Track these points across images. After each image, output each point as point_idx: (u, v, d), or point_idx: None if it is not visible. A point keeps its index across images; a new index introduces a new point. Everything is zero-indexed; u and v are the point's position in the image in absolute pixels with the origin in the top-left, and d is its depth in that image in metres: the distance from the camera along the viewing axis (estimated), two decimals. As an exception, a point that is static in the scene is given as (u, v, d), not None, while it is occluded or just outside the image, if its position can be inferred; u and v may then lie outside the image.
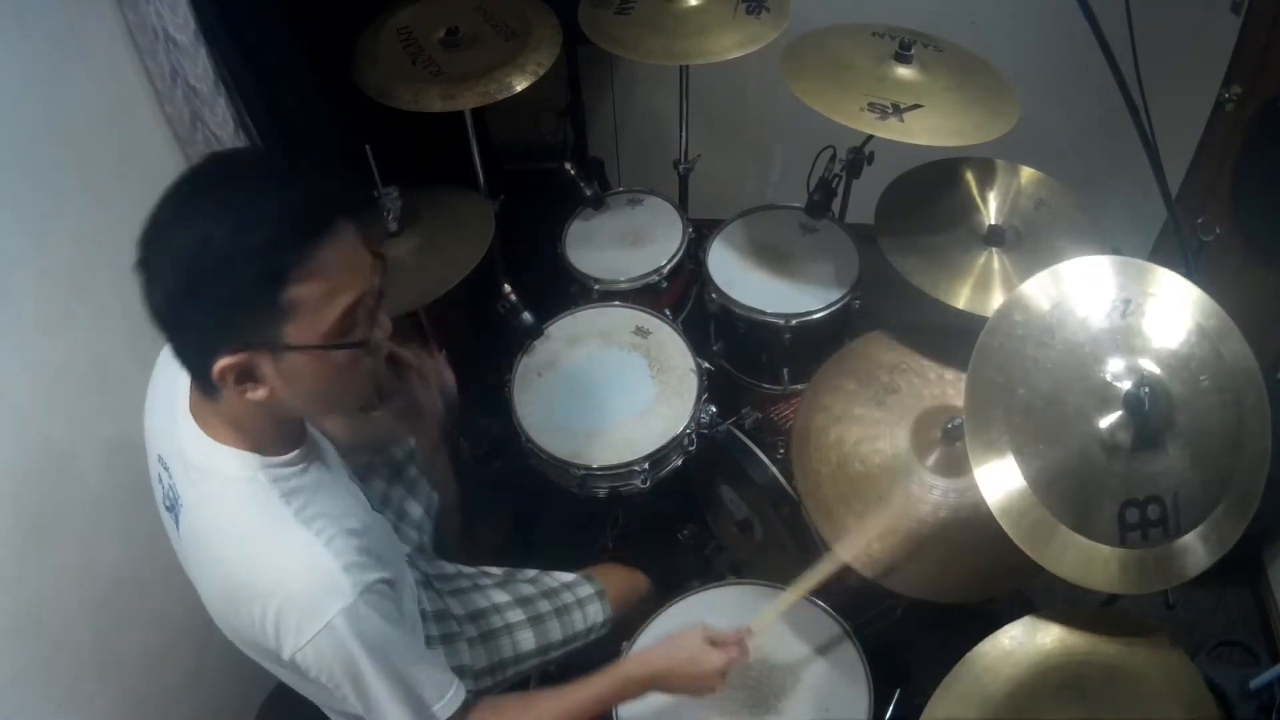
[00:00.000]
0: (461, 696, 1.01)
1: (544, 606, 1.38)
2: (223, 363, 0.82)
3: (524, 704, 1.09)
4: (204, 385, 0.86)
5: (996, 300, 1.44)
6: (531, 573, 1.44)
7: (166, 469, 0.97)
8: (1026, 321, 1.12)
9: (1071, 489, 1.06)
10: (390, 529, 1.16)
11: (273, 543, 0.89)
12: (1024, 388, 1.09)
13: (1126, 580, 1.05)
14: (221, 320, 0.81)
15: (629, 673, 1.12)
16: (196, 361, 0.85)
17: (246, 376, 0.84)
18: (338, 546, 0.90)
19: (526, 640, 1.34)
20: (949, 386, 1.48)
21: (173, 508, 0.97)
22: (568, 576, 1.45)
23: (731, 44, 1.68)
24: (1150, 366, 1.08)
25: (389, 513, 1.38)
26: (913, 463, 1.38)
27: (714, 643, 1.13)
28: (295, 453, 0.95)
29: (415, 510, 1.45)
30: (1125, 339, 1.09)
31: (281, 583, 0.88)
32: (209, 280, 0.78)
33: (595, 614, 1.41)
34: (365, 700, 0.93)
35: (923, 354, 1.52)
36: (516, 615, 1.35)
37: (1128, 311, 1.10)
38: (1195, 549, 1.05)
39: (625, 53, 1.74)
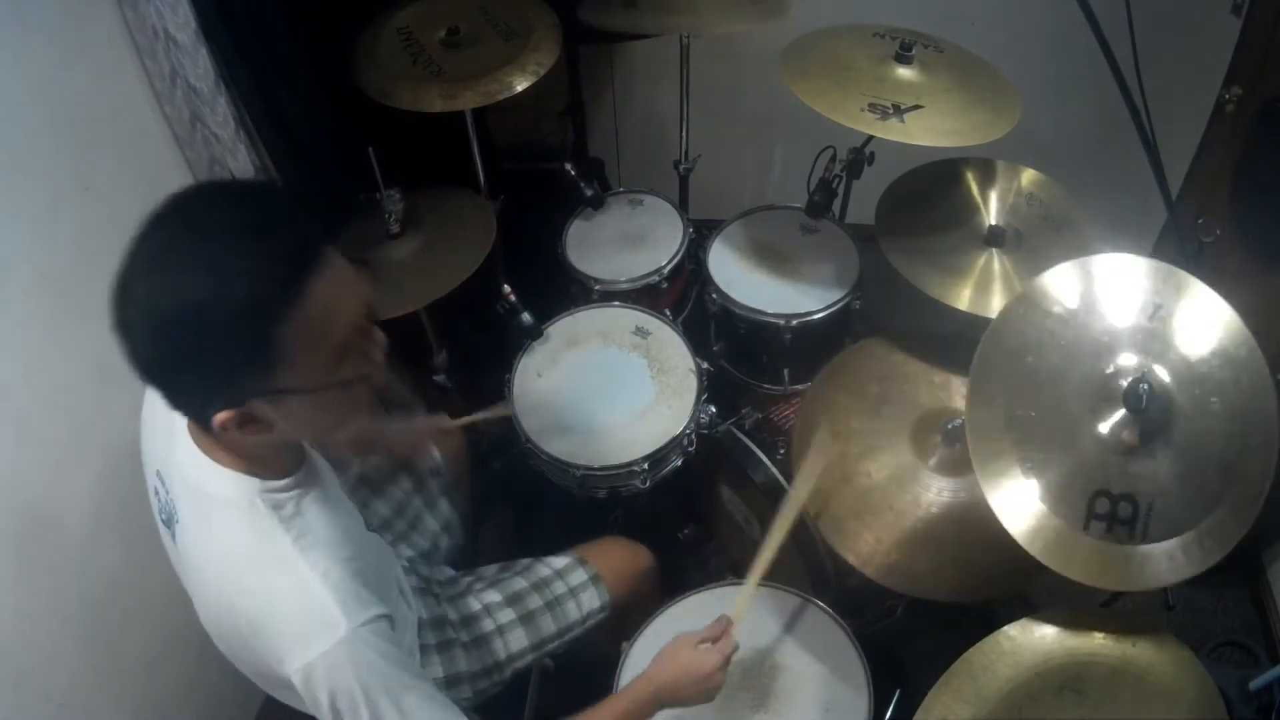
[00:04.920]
0: None
1: (535, 602, 1.36)
2: (220, 417, 0.80)
3: None
4: (204, 426, 0.84)
5: (997, 301, 1.45)
6: (525, 562, 1.43)
7: (164, 484, 0.97)
8: (1052, 298, 1.13)
9: (1051, 460, 1.07)
10: (385, 549, 1.14)
11: (270, 570, 0.88)
12: (1033, 355, 1.11)
13: (1088, 570, 1.05)
14: (213, 379, 0.78)
15: (637, 693, 1.10)
16: (194, 413, 0.84)
17: (247, 422, 0.81)
18: (334, 579, 0.88)
19: (518, 640, 1.34)
20: (940, 390, 1.49)
21: (169, 522, 0.97)
22: (561, 562, 1.42)
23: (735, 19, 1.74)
24: (1161, 371, 1.08)
25: (401, 521, 1.38)
26: (917, 467, 1.39)
27: (701, 643, 1.12)
28: (293, 477, 0.93)
29: (432, 524, 1.44)
30: (1145, 340, 1.09)
31: (276, 612, 0.87)
32: (195, 343, 0.75)
33: (590, 601, 1.39)
34: None
35: (913, 360, 1.53)
36: (507, 615, 1.34)
37: (1155, 315, 1.10)
38: (1159, 561, 1.04)
39: (629, 27, 1.77)
